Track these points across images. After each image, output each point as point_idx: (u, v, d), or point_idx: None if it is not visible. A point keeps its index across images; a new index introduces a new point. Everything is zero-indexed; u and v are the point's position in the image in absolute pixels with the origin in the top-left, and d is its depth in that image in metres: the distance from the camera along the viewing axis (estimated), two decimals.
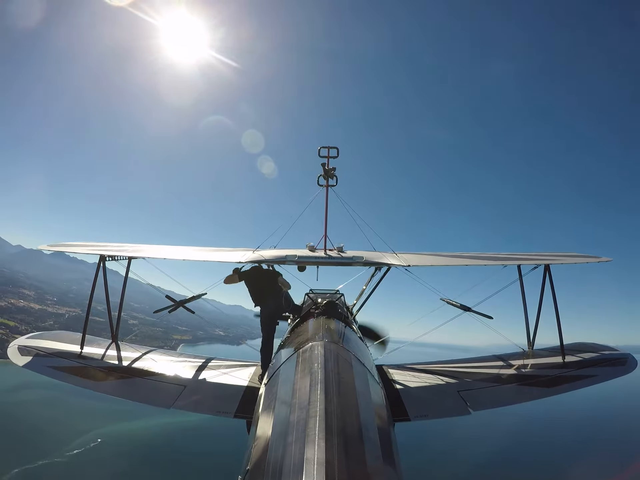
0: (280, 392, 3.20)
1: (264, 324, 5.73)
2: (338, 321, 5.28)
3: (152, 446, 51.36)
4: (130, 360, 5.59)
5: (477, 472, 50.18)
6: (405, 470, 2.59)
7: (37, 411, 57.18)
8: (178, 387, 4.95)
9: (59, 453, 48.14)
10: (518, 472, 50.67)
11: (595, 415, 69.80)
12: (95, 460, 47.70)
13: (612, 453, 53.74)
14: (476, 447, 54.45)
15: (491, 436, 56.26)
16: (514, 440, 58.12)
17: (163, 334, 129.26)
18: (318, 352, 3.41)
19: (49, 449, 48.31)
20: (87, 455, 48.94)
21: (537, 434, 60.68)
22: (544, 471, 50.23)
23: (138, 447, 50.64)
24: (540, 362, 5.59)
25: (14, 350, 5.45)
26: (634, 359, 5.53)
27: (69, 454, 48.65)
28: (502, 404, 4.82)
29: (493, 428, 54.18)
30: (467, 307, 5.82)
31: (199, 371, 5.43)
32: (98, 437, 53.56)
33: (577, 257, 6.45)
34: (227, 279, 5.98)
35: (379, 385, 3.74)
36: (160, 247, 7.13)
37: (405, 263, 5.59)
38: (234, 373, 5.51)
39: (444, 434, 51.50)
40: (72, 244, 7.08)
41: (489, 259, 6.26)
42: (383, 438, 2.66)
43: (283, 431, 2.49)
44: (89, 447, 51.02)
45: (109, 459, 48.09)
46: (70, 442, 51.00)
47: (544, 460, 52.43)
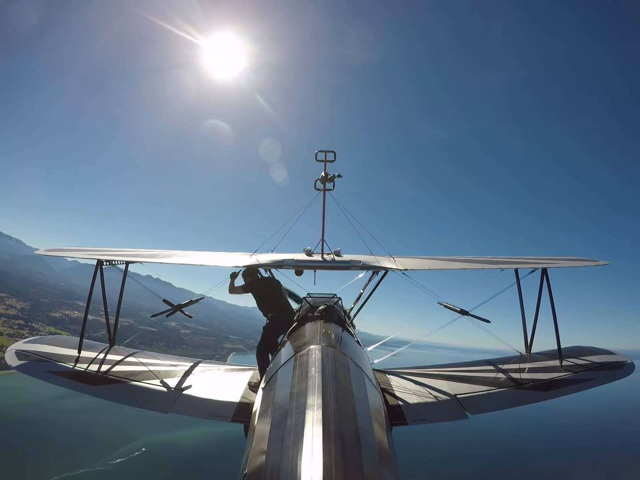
0: (277, 396, 3.19)
1: (270, 333, 5.73)
2: (335, 325, 5.25)
3: (196, 455, 49.75)
4: (127, 364, 5.56)
5: (475, 477, 50.00)
6: (403, 474, 2.58)
7: (81, 419, 55.44)
8: (176, 391, 4.93)
9: (102, 462, 46.90)
10: (516, 476, 50.54)
11: (594, 419, 69.82)
12: (137, 470, 46.35)
13: (611, 457, 53.73)
14: (473, 452, 54.32)
15: (489, 440, 56.18)
16: (511, 444, 58.01)
17: (214, 342, 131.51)
18: (315, 356, 3.40)
19: (92, 457, 47.24)
20: (129, 464, 47.49)
21: (534, 438, 60.61)
22: (542, 476, 50.13)
23: (181, 457, 49.20)
24: (537, 366, 5.57)
25: (12, 354, 5.40)
26: (631, 362, 5.54)
27: (112, 462, 47.30)
28: (500, 408, 4.82)
29: (490, 432, 54.07)
30: (465, 311, 5.82)
31: (197, 375, 5.41)
32: (143, 446, 51.87)
33: (574, 260, 6.47)
34: (232, 289, 5.98)
35: (376, 389, 3.73)
36: (158, 251, 7.11)
37: (402, 267, 5.60)
38: (232, 377, 5.50)
39: (441, 438, 51.30)
40: (70, 248, 7.06)
41: (486, 263, 6.27)
42: (380, 442, 2.65)
43: (280, 435, 2.48)
44: (133, 456, 49.45)
45: (151, 469, 46.69)
46: (114, 451, 49.61)
47: (541, 465, 52.30)
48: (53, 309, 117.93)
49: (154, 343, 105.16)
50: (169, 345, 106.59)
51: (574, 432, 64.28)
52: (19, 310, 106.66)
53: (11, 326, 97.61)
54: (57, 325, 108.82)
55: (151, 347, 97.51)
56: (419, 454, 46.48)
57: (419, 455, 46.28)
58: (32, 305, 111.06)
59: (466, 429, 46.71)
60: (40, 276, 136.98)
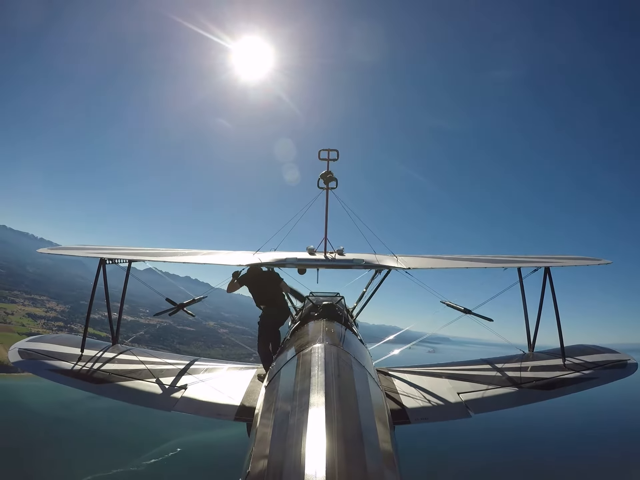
0: (280, 395, 3.20)
1: (266, 327, 5.73)
2: (338, 324, 5.26)
3: (234, 456, 47.31)
4: (130, 362, 5.58)
5: (478, 475, 49.91)
6: (406, 473, 2.58)
7: (115, 419, 53.49)
8: (178, 389, 4.95)
9: (136, 462, 45.98)
10: (519, 475, 50.44)
11: (598, 419, 69.50)
12: (171, 471, 45.37)
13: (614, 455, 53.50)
14: (476, 451, 54.17)
15: (492, 439, 56.01)
16: (514, 443, 57.82)
17: (252, 341, 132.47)
18: (318, 355, 3.42)
19: (125, 457, 46.25)
20: (163, 465, 46.38)
21: (538, 437, 60.39)
22: (545, 474, 50.01)
23: (218, 459, 46.93)
24: (540, 365, 5.56)
25: (15, 353, 5.44)
26: (634, 361, 5.52)
27: (146, 462, 46.33)
28: (503, 407, 4.80)
29: (493, 431, 53.94)
30: (468, 310, 5.81)
31: (200, 374, 5.43)
32: (178, 446, 50.55)
33: (577, 259, 6.45)
34: (229, 287, 5.99)
35: (379, 388, 3.74)
36: (162, 250, 7.13)
37: (405, 266, 5.59)
38: (235, 375, 5.52)
39: (444, 437, 51.23)
40: (72, 247, 7.11)
41: (489, 262, 6.26)
42: (383, 441, 2.65)
43: (283, 434, 2.49)
44: (167, 456, 48.31)
45: (185, 470, 45.55)
46: (148, 451, 48.50)
47: (545, 464, 52.15)
48: (92, 311, 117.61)
49: (192, 343, 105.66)
50: (207, 344, 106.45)
51: (578, 431, 64.02)
52: (59, 312, 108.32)
53: (50, 328, 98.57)
54: (96, 326, 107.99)
55: (189, 347, 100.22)
56: (422, 453, 46.40)
57: (421, 455, 46.20)
58: (72, 307, 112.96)
59: (469, 428, 46.64)
60: (81, 279, 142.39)
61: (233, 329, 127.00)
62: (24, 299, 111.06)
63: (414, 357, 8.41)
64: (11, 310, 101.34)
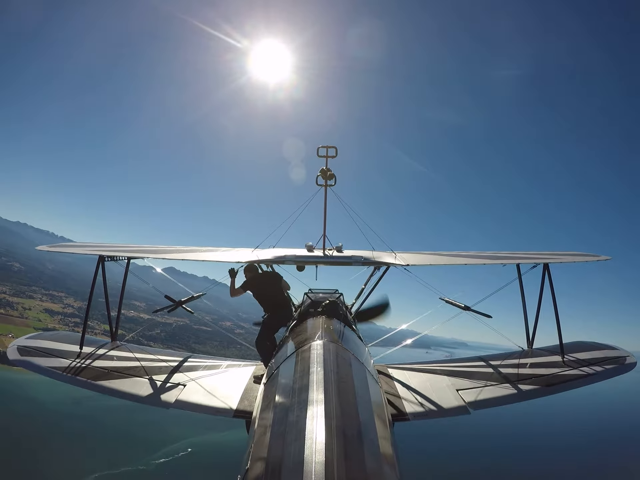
0: (279, 392, 3.18)
1: (271, 328, 5.71)
2: (337, 321, 5.24)
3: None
4: (129, 360, 5.58)
5: (477, 471, 50.17)
6: (405, 470, 2.57)
7: (127, 417, 52.84)
8: (177, 387, 4.94)
9: (145, 461, 45.77)
10: (518, 471, 50.71)
11: (596, 416, 69.83)
12: (179, 471, 44.89)
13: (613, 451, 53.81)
14: (476, 447, 54.43)
15: (491, 435, 56.27)
16: (513, 439, 58.14)
17: None
18: (317, 352, 3.40)
19: (136, 455, 46.06)
20: (172, 465, 46.00)
21: (536, 433, 60.69)
22: (544, 470, 50.28)
23: (230, 460, 46.00)
24: (539, 361, 5.57)
25: (14, 350, 5.43)
26: (633, 357, 5.50)
27: (155, 462, 46.02)
28: (502, 403, 4.79)
29: (492, 427, 54.16)
30: (467, 306, 5.81)
31: (198, 371, 5.42)
32: (189, 446, 50.28)
33: (576, 255, 6.46)
34: (233, 291, 5.85)
35: (378, 385, 3.73)
36: (160, 247, 7.12)
37: (404, 262, 5.59)
38: (233, 373, 5.52)
39: (443, 433, 51.42)
40: (71, 244, 7.10)
41: (488, 258, 6.27)
42: (382, 438, 2.64)
43: (282, 431, 2.48)
44: (177, 456, 47.98)
45: (197, 470, 44.77)
46: (159, 450, 48.30)
47: (543, 460, 52.46)
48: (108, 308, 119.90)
49: (208, 342, 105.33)
50: (223, 344, 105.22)
51: (576, 427, 64.33)
52: (76, 309, 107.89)
53: (67, 324, 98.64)
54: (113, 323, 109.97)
55: (205, 346, 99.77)
56: (421, 450, 46.51)
57: (420, 451, 46.32)
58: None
59: (468, 424, 46.83)
60: (99, 276, 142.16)
61: (249, 330, 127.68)
62: (42, 294, 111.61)
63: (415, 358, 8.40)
64: (29, 306, 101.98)
